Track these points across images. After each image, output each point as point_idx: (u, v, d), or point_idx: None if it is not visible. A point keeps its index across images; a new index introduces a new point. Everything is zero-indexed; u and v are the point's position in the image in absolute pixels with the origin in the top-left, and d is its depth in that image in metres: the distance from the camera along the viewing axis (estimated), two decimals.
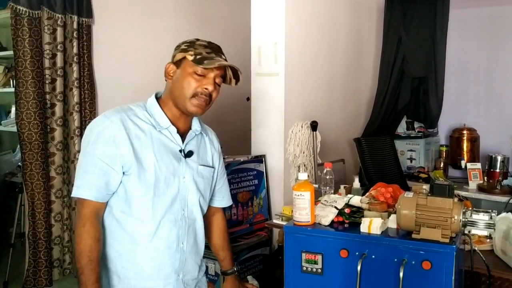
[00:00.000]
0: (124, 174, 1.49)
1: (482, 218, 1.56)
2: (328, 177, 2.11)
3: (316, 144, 3.06)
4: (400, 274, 1.53)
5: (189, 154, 1.61)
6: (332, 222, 1.77)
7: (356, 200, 1.88)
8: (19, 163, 3.49)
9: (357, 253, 1.63)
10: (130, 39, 3.58)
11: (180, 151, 1.59)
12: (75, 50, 3.19)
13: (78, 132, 3.24)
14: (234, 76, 1.59)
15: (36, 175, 3.07)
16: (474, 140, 3.88)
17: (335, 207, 1.82)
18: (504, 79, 3.94)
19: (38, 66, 3.03)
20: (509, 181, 3.47)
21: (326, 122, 3.32)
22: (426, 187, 1.80)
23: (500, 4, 3.87)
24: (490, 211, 1.57)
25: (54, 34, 3.10)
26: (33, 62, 3.00)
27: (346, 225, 1.77)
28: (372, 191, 1.92)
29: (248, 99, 3.24)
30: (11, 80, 3.74)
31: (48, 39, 3.07)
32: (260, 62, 3.05)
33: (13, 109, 3.63)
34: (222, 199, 1.84)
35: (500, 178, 3.40)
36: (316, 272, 1.70)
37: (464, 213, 1.55)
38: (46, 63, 3.09)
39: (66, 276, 3.32)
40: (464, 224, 1.56)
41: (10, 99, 3.94)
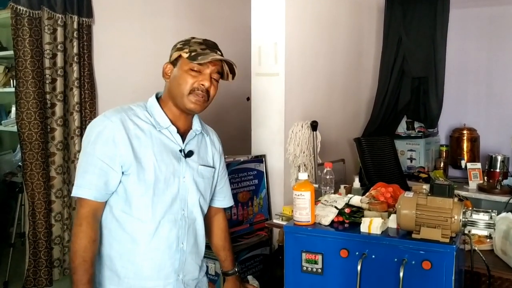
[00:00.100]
0: (124, 174, 1.49)
1: (482, 218, 1.56)
2: (328, 177, 2.12)
3: (316, 144, 3.06)
4: (400, 274, 1.53)
5: (189, 154, 1.61)
6: (332, 222, 1.77)
7: (356, 200, 1.88)
8: (19, 163, 3.48)
9: (357, 253, 1.64)
10: (130, 39, 3.57)
11: (180, 151, 1.59)
12: (75, 50, 3.19)
13: (78, 132, 3.24)
14: (230, 71, 1.60)
15: (36, 175, 3.07)
16: (474, 140, 3.88)
17: (335, 207, 1.82)
18: (504, 79, 3.94)
19: (39, 66, 3.03)
20: (509, 181, 3.48)
21: (326, 122, 3.32)
22: (426, 187, 1.80)
23: (500, 4, 3.87)
24: (490, 211, 1.57)
25: (55, 34, 3.10)
26: (33, 62, 3.00)
27: (346, 225, 1.77)
28: (372, 191, 1.92)
29: (248, 99, 3.24)
30: (11, 80, 3.74)
31: (48, 39, 3.07)
32: (260, 62, 3.05)
33: (13, 109, 3.63)
34: (224, 199, 1.84)
35: (500, 178, 3.41)
36: (316, 272, 1.70)
37: (464, 213, 1.55)
38: (47, 63, 3.08)
39: (66, 276, 3.32)
40: (464, 224, 1.56)
41: (10, 99, 3.94)
